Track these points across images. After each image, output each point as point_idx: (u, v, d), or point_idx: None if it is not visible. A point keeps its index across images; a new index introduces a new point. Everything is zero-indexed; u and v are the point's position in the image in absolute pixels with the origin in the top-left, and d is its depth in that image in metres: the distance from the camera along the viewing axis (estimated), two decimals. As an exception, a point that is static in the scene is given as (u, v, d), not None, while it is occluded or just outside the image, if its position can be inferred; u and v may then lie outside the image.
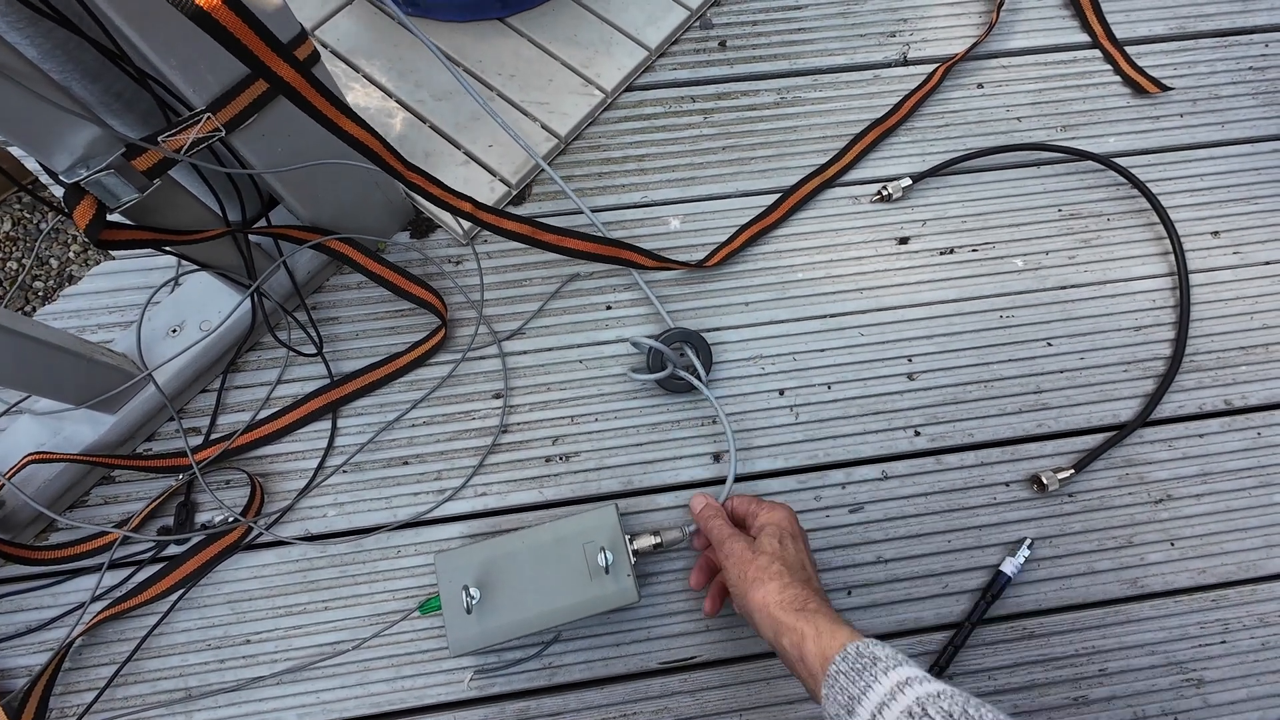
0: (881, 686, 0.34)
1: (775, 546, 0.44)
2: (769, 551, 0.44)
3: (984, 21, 0.73)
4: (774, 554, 0.44)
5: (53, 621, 0.52)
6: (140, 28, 0.36)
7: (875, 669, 0.35)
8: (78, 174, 0.38)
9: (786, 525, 0.46)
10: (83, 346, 0.48)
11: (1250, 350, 0.62)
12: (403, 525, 0.55)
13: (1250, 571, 0.57)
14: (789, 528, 0.46)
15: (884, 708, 0.33)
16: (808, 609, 0.40)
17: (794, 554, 0.44)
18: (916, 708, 0.32)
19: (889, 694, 0.34)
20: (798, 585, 0.42)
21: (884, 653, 0.36)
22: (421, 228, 0.63)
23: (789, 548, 0.45)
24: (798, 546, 0.45)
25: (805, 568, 0.44)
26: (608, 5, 0.70)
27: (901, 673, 0.34)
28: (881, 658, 0.36)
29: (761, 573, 0.43)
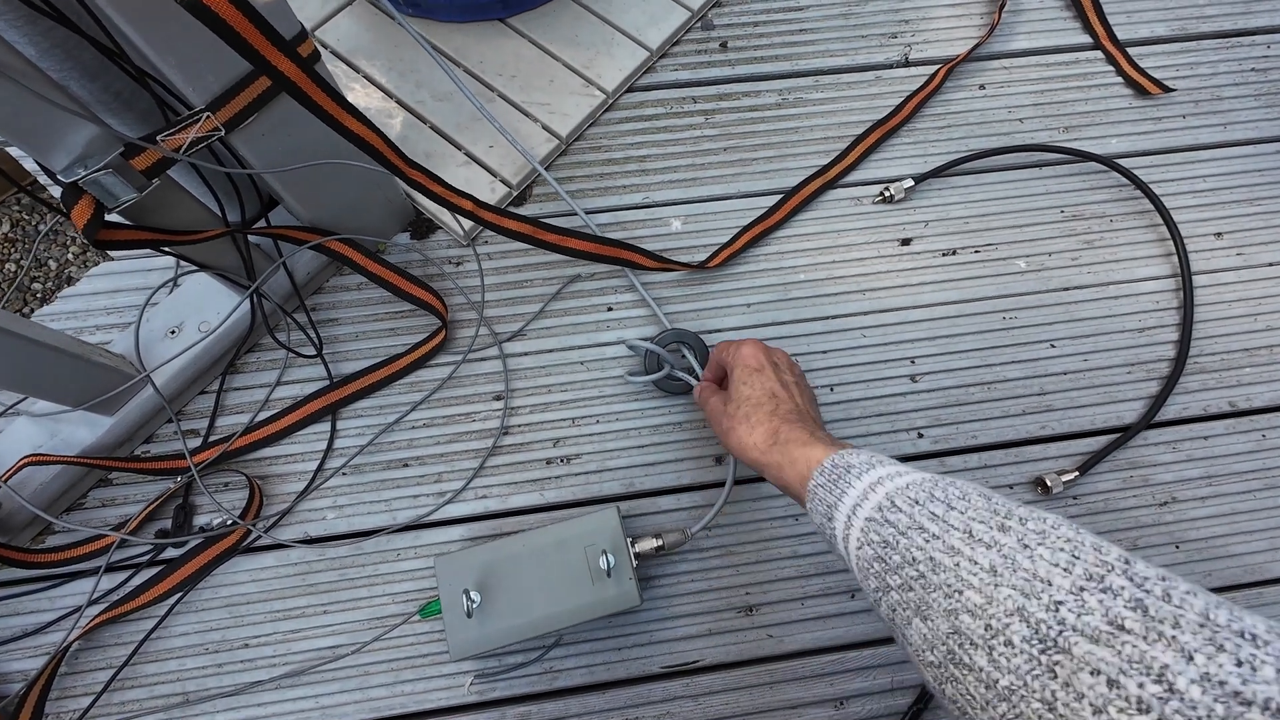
0: (855, 489, 0.34)
1: (740, 390, 0.45)
2: (735, 397, 0.45)
3: (986, 23, 0.73)
4: (739, 398, 0.44)
5: (49, 625, 0.52)
6: (139, 26, 0.35)
7: (849, 475, 0.35)
8: (76, 173, 0.38)
9: (751, 361, 0.46)
10: (80, 348, 0.48)
11: (1254, 352, 0.62)
12: (402, 528, 0.55)
13: (1256, 575, 0.57)
14: (752, 363, 0.46)
15: (857, 508, 0.33)
16: (778, 441, 0.41)
17: (759, 388, 0.44)
18: (886, 501, 0.32)
19: (861, 494, 0.33)
20: (764, 421, 0.42)
21: (858, 459, 0.36)
22: (422, 229, 0.63)
23: (754, 384, 0.45)
24: (763, 378, 0.45)
25: (775, 395, 0.44)
26: (609, 6, 0.70)
27: (874, 473, 0.34)
28: (855, 464, 0.35)
29: (731, 421, 0.44)
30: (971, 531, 0.28)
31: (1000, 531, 0.27)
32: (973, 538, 0.28)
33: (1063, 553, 0.25)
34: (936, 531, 0.29)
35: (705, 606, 0.54)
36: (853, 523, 0.33)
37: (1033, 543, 0.26)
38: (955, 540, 0.28)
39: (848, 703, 0.53)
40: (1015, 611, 0.24)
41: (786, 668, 0.53)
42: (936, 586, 0.28)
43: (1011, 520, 0.28)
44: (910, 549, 0.30)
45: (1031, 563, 0.25)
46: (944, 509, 0.30)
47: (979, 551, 0.27)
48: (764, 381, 0.45)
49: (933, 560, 0.28)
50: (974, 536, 0.28)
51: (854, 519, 0.33)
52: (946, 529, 0.29)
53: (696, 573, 0.55)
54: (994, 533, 0.27)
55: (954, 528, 0.29)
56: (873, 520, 0.32)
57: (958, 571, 0.27)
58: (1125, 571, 0.24)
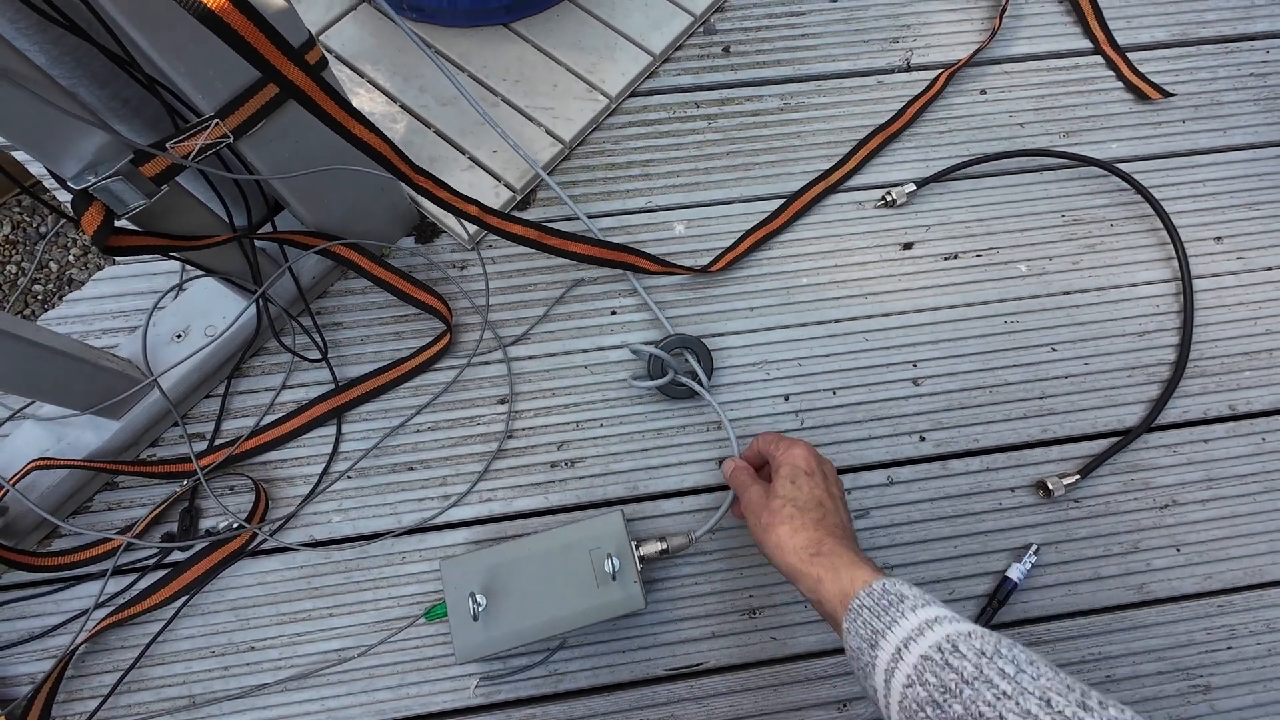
0: (909, 621, 0.33)
1: (788, 488, 0.43)
2: (781, 495, 0.43)
3: (986, 28, 0.73)
4: (786, 497, 0.43)
5: (56, 628, 0.52)
6: (149, 34, 0.36)
7: (903, 605, 0.34)
8: (86, 180, 0.38)
9: (801, 463, 0.44)
10: (87, 352, 0.48)
11: (1254, 355, 0.62)
12: (408, 531, 0.55)
13: (1256, 577, 0.57)
14: (804, 465, 0.44)
15: (910, 642, 0.32)
16: (822, 552, 0.39)
17: (808, 493, 0.43)
18: (947, 644, 0.31)
19: (916, 629, 0.32)
20: (810, 527, 0.41)
21: (911, 591, 0.35)
22: (426, 233, 0.63)
23: (803, 487, 0.43)
24: (813, 483, 0.43)
25: (823, 504, 0.42)
26: (612, 11, 0.70)
27: (930, 611, 0.33)
28: (909, 595, 0.35)
29: (772, 517, 0.42)
30: (1050, 701, 0.27)
31: (1082, 710, 0.27)
32: (1052, 708, 0.27)
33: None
34: (1009, 691, 0.28)
35: (709, 609, 0.54)
36: (903, 656, 0.32)
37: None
38: (1032, 705, 0.27)
39: (851, 705, 0.53)
40: None
41: (790, 670, 0.54)
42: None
43: (1091, 700, 0.27)
44: (976, 702, 0.28)
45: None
46: (1014, 668, 0.29)
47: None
48: (813, 487, 0.43)
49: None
50: (1053, 707, 0.27)
51: (905, 652, 0.32)
52: (1021, 691, 0.28)
53: (700, 576, 0.55)
54: (1075, 709, 0.27)
55: (1029, 692, 0.28)
56: (930, 660, 0.31)
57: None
58: None
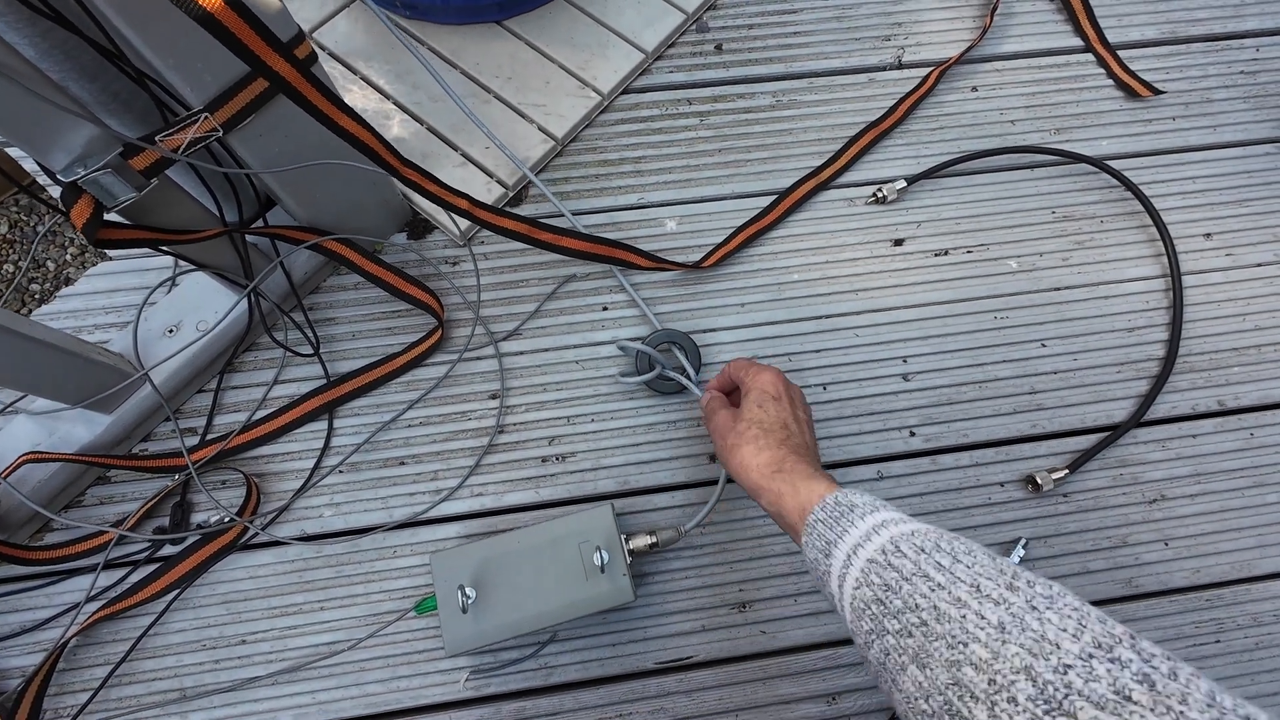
0: (858, 529, 0.34)
1: (755, 412, 0.44)
2: (747, 417, 0.44)
3: (977, 26, 0.74)
4: (751, 419, 0.44)
5: (47, 622, 0.52)
6: (139, 27, 0.36)
7: (852, 514, 0.35)
8: (75, 173, 0.38)
9: (769, 388, 0.46)
10: (79, 346, 0.48)
11: (1243, 351, 0.63)
12: (399, 525, 0.55)
13: (1244, 571, 0.57)
14: (771, 390, 0.46)
15: (859, 548, 0.33)
16: (783, 469, 0.40)
17: (774, 415, 0.44)
18: (890, 545, 0.32)
19: (864, 535, 0.33)
20: (773, 447, 0.42)
21: (862, 500, 0.36)
22: (418, 229, 0.64)
23: (769, 410, 0.44)
24: (779, 407, 0.45)
25: (787, 426, 0.44)
26: (604, 9, 0.70)
27: (878, 516, 0.34)
28: (859, 504, 0.35)
29: (738, 438, 0.43)
30: (979, 586, 0.28)
31: (1009, 590, 0.27)
32: (980, 592, 0.28)
33: (1070, 619, 0.25)
34: (942, 581, 0.29)
35: (699, 603, 0.55)
36: (853, 562, 0.33)
37: (1041, 605, 0.26)
38: (962, 592, 0.28)
39: (840, 698, 0.53)
40: (1022, 670, 0.24)
41: (780, 663, 0.54)
42: (939, 636, 0.27)
43: (1019, 581, 0.28)
44: (914, 595, 0.29)
45: (1040, 624, 0.25)
46: (950, 560, 0.30)
47: (987, 607, 0.27)
48: (779, 411, 0.44)
49: (937, 609, 0.28)
50: (981, 591, 0.28)
51: (854, 558, 0.33)
52: (953, 580, 0.29)
53: (690, 569, 0.55)
54: (1002, 590, 0.27)
55: (961, 580, 0.29)
56: (875, 562, 0.32)
57: (963, 624, 0.27)
58: (1132, 645, 0.24)
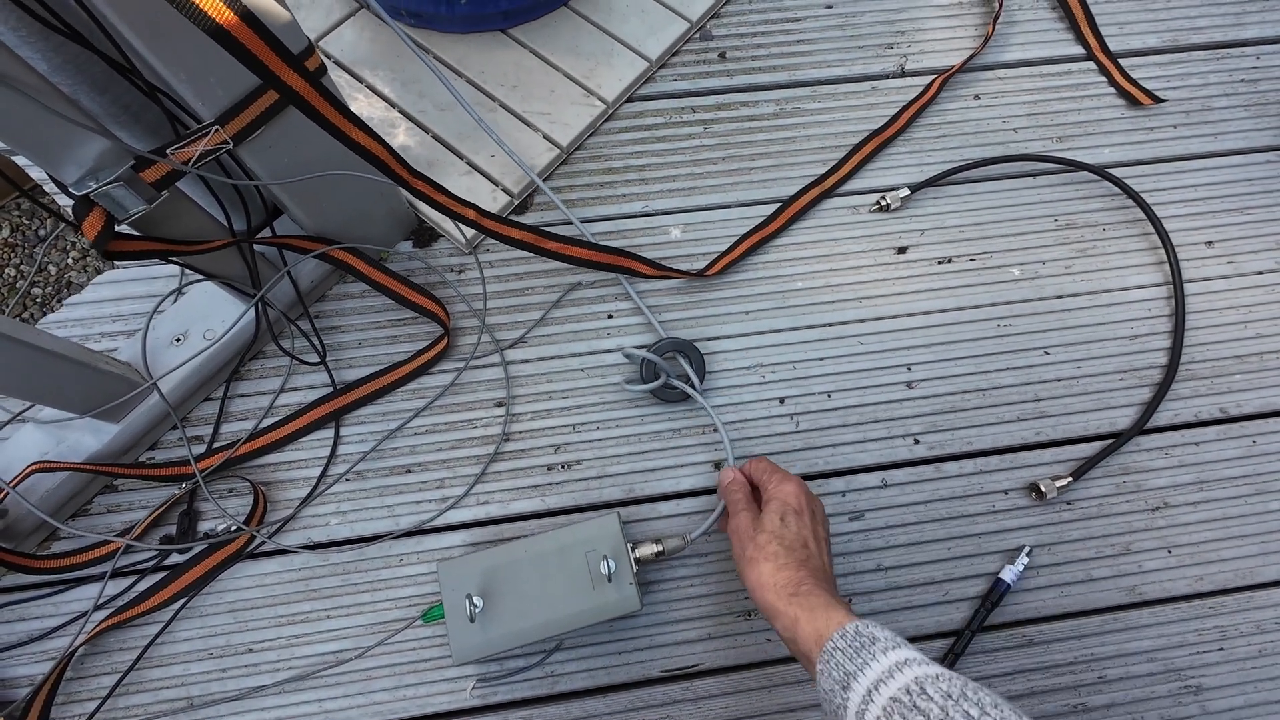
0: (880, 664, 0.34)
1: (776, 524, 0.44)
2: (769, 530, 0.43)
3: (980, 34, 0.74)
4: (773, 532, 0.43)
5: (55, 631, 0.52)
6: (150, 42, 0.36)
7: (874, 648, 0.35)
8: (87, 186, 0.38)
9: (792, 501, 0.45)
10: (87, 355, 0.49)
11: (1245, 359, 0.63)
12: (405, 534, 0.55)
13: (1247, 579, 0.58)
14: (794, 503, 0.45)
15: (881, 684, 0.33)
16: (800, 592, 0.40)
17: (795, 532, 0.43)
18: (915, 686, 0.32)
19: (887, 671, 0.33)
20: (792, 567, 0.41)
21: (883, 634, 0.36)
22: (424, 237, 0.64)
23: (790, 525, 0.44)
24: (800, 523, 0.44)
25: (807, 545, 0.43)
26: (609, 17, 0.70)
27: (900, 654, 0.34)
28: (880, 638, 0.35)
29: (758, 552, 0.43)
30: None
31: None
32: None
33: None
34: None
35: (705, 611, 0.55)
36: (874, 699, 0.32)
37: None
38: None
39: (845, 706, 0.54)
40: None
41: (785, 672, 0.54)
42: None
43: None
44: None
45: None
46: (978, 710, 0.30)
47: None
48: (800, 527, 0.44)
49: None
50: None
51: (876, 694, 0.32)
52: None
53: (696, 577, 0.55)
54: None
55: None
56: (899, 702, 0.31)
57: None
58: None
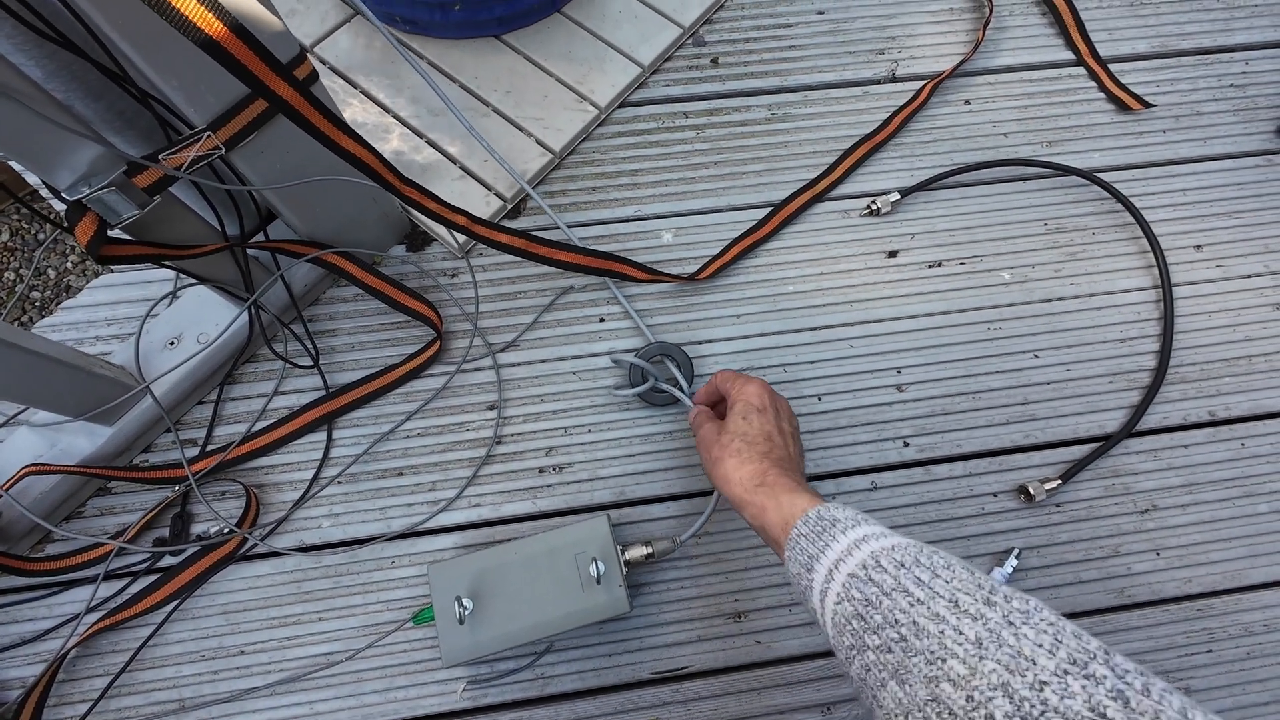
0: (839, 544, 0.34)
1: (739, 424, 0.45)
2: (731, 429, 0.45)
3: (970, 39, 0.75)
4: (736, 432, 0.44)
5: (47, 633, 0.52)
6: (143, 50, 0.36)
7: (834, 529, 0.35)
8: (80, 191, 0.39)
9: (754, 399, 0.46)
10: (81, 359, 0.49)
11: (1233, 362, 0.63)
12: (397, 536, 0.56)
13: (1235, 581, 0.58)
14: (756, 402, 0.46)
15: (840, 563, 0.33)
16: (766, 482, 0.41)
17: (758, 427, 0.44)
18: (870, 560, 0.32)
19: (846, 550, 0.34)
20: (756, 460, 0.42)
21: (844, 514, 0.36)
22: (417, 241, 0.64)
23: (753, 423, 0.45)
24: (764, 419, 0.45)
25: (771, 438, 0.44)
26: (602, 23, 0.71)
27: (859, 530, 0.35)
28: (841, 519, 0.36)
29: (722, 451, 0.44)
30: (957, 601, 0.28)
31: (986, 605, 0.28)
32: (958, 607, 0.28)
33: (1046, 634, 0.26)
34: (922, 596, 0.29)
35: (694, 613, 0.55)
36: (834, 577, 0.33)
37: (1017, 620, 0.26)
38: (940, 608, 0.28)
39: (835, 708, 0.54)
40: (999, 686, 0.24)
41: (775, 673, 0.54)
42: (918, 651, 0.28)
43: (996, 596, 0.28)
44: (894, 610, 0.30)
45: (1016, 640, 0.26)
46: (929, 575, 0.30)
47: (964, 622, 0.27)
48: (763, 423, 0.45)
49: (916, 625, 0.28)
50: (959, 606, 0.28)
51: (836, 573, 0.33)
52: (932, 595, 0.29)
53: (686, 580, 0.56)
54: (980, 605, 0.28)
55: (939, 595, 0.29)
56: (855, 577, 0.32)
57: (941, 639, 0.27)
58: (1107, 661, 0.24)
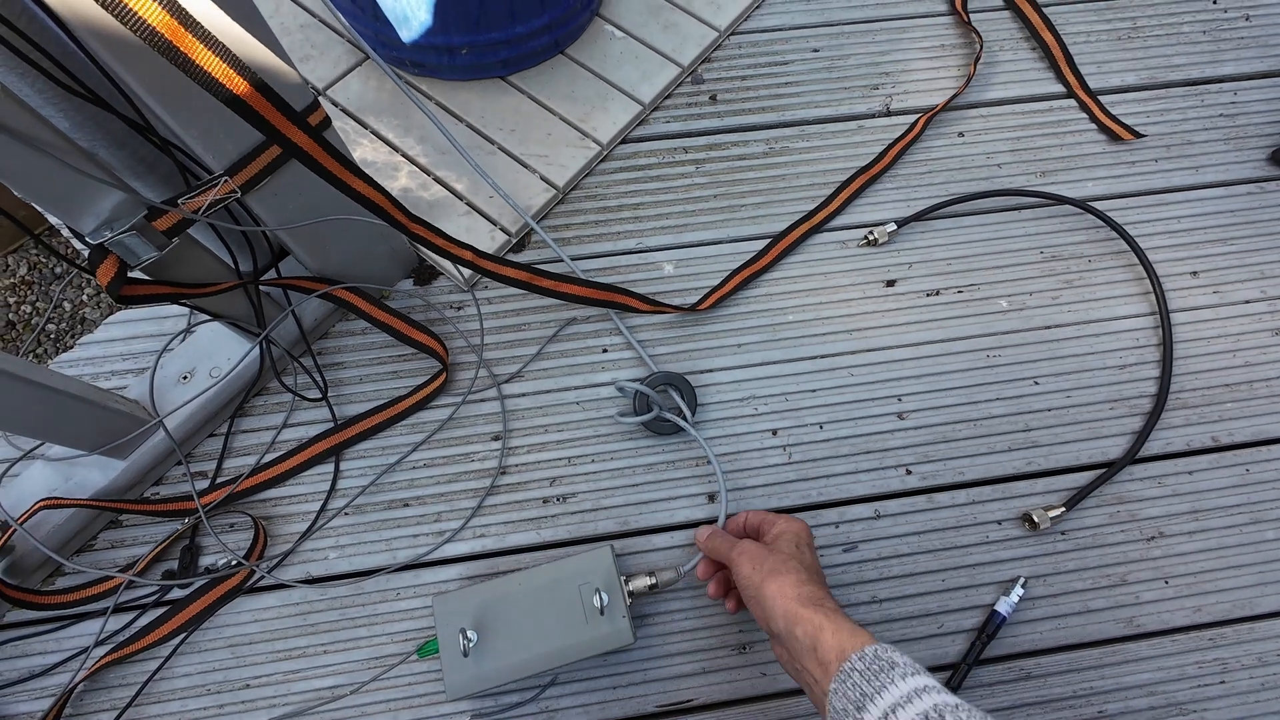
0: (898, 689, 0.34)
1: (793, 549, 0.45)
2: (785, 552, 0.44)
3: (962, 74, 0.77)
4: (791, 554, 0.44)
5: (55, 667, 0.53)
6: (166, 103, 0.38)
7: (893, 672, 0.35)
8: (102, 235, 0.40)
9: (805, 535, 0.47)
10: (97, 394, 0.50)
11: (1235, 388, 0.64)
12: (402, 567, 0.56)
13: (1246, 610, 0.57)
14: (805, 536, 0.47)
15: (898, 709, 0.33)
16: (825, 606, 0.40)
17: (810, 559, 0.45)
18: (934, 714, 0.32)
19: (905, 697, 0.33)
20: (815, 584, 0.42)
21: (902, 659, 0.36)
22: (424, 275, 0.66)
23: (805, 553, 0.45)
24: (814, 555, 0.46)
25: (821, 575, 0.45)
26: (604, 63, 0.74)
27: (919, 680, 0.34)
28: (900, 663, 0.35)
29: (781, 565, 0.43)
30: None
31: None
32: None
33: None
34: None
35: (699, 644, 0.55)
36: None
37: None
38: None
39: (842, 742, 0.53)
40: None
41: (780, 706, 0.54)
42: None
43: None
44: None
45: None
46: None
47: None
48: (815, 559, 0.46)
49: None
50: None
51: (893, 718, 0.33)
52: None
53: (690, 610, 0.56)
54: None
55: None
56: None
57: None
58: None
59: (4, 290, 1.18)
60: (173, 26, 0.31)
